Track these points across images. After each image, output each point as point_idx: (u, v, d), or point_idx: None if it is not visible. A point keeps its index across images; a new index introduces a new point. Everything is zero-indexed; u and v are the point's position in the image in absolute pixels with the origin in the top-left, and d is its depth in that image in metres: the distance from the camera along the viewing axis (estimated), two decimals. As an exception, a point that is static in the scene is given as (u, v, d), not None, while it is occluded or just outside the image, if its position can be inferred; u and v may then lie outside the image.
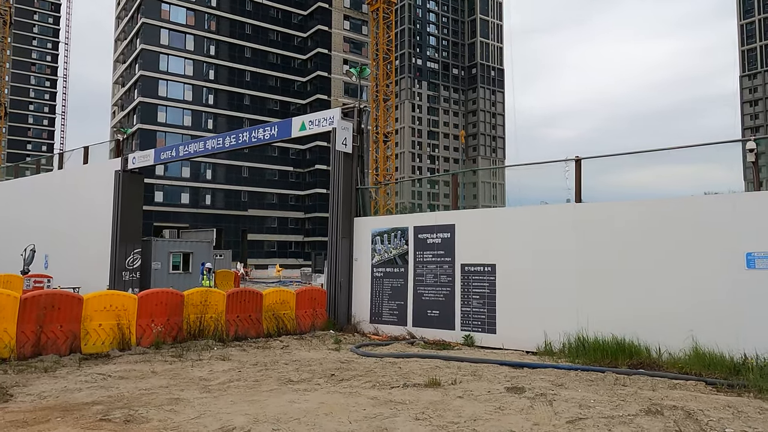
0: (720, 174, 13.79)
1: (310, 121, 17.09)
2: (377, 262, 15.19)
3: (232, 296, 13.15)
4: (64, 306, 10.44)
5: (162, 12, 64.01)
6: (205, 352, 11.10)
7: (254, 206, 69.36)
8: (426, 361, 9.92)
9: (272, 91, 71.34)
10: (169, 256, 25.99)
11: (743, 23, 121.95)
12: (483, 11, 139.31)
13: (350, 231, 15.78)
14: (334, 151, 15.78)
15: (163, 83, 63.87)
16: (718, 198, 11.02)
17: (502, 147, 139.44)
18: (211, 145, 20.47)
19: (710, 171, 13.87)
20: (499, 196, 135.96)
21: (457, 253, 13.56)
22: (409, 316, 14.30)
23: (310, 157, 72.51)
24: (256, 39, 70.26)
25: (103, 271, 24.13)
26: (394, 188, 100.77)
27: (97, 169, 26.53)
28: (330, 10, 72.50)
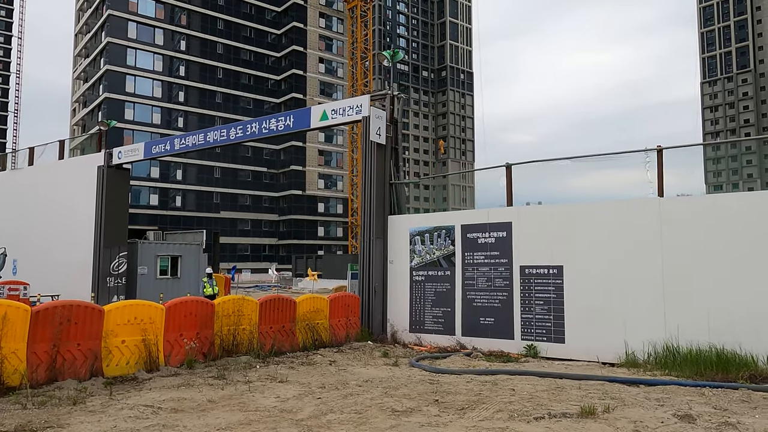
0: None
1: (333, 110, 15.51)
2: (417, 265, 13.73)
3: (265, 305, 11.47)
4: (83, 320, 8.61)
5: (130, 4, 60.93)
6: (249, 371, 9.43)
7: (227, 208, 66.75)
8: (524, 378, 8.52)
9: (245, 89, 68.92)
10: (157, 259, 23.85)
11: (704, 31, 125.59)
12: (452, 14, 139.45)
13: (384, 230, 14.28)
14: (366, 141, 14.25)
15: (131, 79, 60.74)
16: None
17: (472, 150, 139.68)
18: (213, 137, 18.61)
19: None
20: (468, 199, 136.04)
21: (516, 254, 12.24)
22: (458, 325, 12.90)
23: (285, 157, 70.38)
24: (229, 35, 67.77)
25: (85, 277, 21.89)
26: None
27: (77, 165, 24.23)
28: (305, 7, 70.62)
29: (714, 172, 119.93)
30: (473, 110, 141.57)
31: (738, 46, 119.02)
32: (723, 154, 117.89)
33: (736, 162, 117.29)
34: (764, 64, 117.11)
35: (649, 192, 11.19)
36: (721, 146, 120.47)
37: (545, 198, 13.84)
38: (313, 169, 70.04)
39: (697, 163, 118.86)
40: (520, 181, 13.69)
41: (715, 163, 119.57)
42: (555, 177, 13.67)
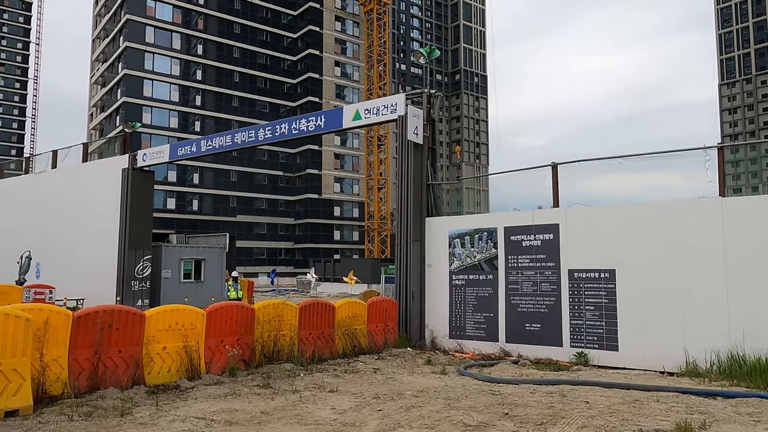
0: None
1: (367, 109, 15.10)
2: (457, 269, 13.25)
3: (305, 310, 11.05)
4: (124, 325, 8.24)
5: (147, 9, 61.12)
6: (294, 379, 8.99)
7: (243, 212, 66.62)
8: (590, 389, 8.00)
9: (261, 93, 68.86)
10: (180, 263, 23.55)
11: (722, 32, 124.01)
12: (466, 18, 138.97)
13: (421, 233, 13.81)
14: (402, 141, 13.81)
15: (148, 83, 60.89)
16: None
17: (486, 153, 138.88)
18: (241, 138, 18.28)
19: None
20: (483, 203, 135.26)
21: (563, 258, 11.72)
22: (501, 331, 12.39)
23: (301, 161, 70.17)
24: (245, 39, 67.79)
25: (109, 281, 21.65)
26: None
27: (100, 168, 24.06)
28: (321, 11, 70.50)
29: (733, 175, 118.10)
30: (487, 113, 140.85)
31: (757, 47, 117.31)
32: (742, 157, 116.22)
33: (755, 165, 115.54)
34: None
35: (707, 191, 10.68)
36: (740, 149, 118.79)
37: (584, 199, 13.40)
38: (329, 172, 69.76)
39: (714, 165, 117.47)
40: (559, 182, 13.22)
41: (734, 166, 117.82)
42: (595, 177, 13.23)
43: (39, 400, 6.98)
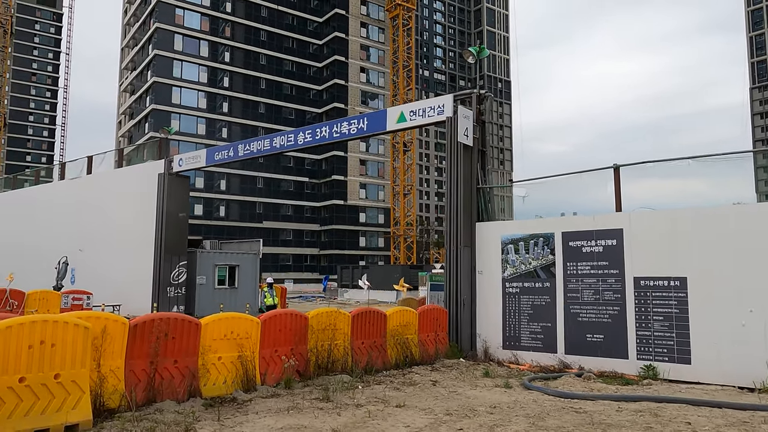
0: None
1: (412, 111, 14.65)
2: (511, 276, 12.68)
3: (357, 318, 10.59)
4: (180, 334, 7.86)
5: (176, 17, 61.78)
6: (353, 392, 8.53)
7: (269, 218, 66.70)
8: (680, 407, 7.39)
9: (287, 100, 69.05)
10: (215, 269, 23.33)
11: (752, 35, 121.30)
12: (489, 23, 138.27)
13: (471, 238, 13.28)
14: (452, 143, 13.32)
15: (177, 90, 61.44)
16: None
17: (510, 159, 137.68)
18: (279, 142, 17.97)
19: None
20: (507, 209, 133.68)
21: (628, 264, 11.09)
22: (560, 341, 11.77)
23: (326, 167, 70.10)
24: (272, 46, 68.11)
25: (143, 287, 21.50)
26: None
27: (136, 173, 23.99)
28: (347, 17, 70.56)
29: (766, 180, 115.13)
30: (511, 119, 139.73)
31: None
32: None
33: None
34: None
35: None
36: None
37: (631, 205, 12.88)
38: (354, 178, 69.56)
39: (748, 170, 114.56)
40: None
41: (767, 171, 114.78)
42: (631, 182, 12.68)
43: (97, 413, 6.62)
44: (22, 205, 29.29)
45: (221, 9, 64.77)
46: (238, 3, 66.01)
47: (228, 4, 65.32)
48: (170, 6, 61.44)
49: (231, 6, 65.53)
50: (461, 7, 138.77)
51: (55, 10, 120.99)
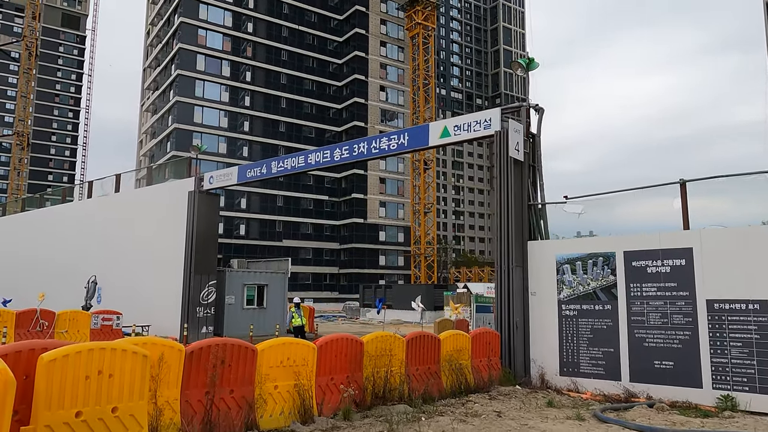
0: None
1: (456, 125, 14.16)
2: (567, 297, 11.99)
3: (412, 343, 9.99)
4: (236, 361, 7.32)
5: (199, 38, 62.40)
6: (419, 425, 7.88)
7: (288, 237, 66.40)
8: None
9: (308, 118, 69.16)
10: (243, 289, 22.87)
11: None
12: (506, 42, 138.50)
13: (523, 258, 12.65)
14: (502, 158, 12.76)
15: (199, 109, 61.80)
16: None
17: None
18: (315, 159, 17.56)
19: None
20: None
21: (699, 286, 10.37)
22: (624, 368, 11.03)
23: (346, 185, 69.83)
24: (292, 65, 68.46)
25: (172, 307, 21.07)
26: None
27: (165, 191, 23.74)
28: (367, 36, 70.82)
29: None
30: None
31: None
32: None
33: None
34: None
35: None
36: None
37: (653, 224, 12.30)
38: (374, 197, 69.16)
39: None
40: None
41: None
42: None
43: (154, 449, 6.07)
44: (50, 224, 29.20)
45: (243, 29, 65.35)
46: (259, 23, 66.60)
47: (249, 24, 65.92)
48: (193, 27, 62.10)
49: (252, 26, 66.12)
50: (477, 27, 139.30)
51: (79, 32, 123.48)
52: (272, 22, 67.39)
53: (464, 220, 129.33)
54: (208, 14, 63.47)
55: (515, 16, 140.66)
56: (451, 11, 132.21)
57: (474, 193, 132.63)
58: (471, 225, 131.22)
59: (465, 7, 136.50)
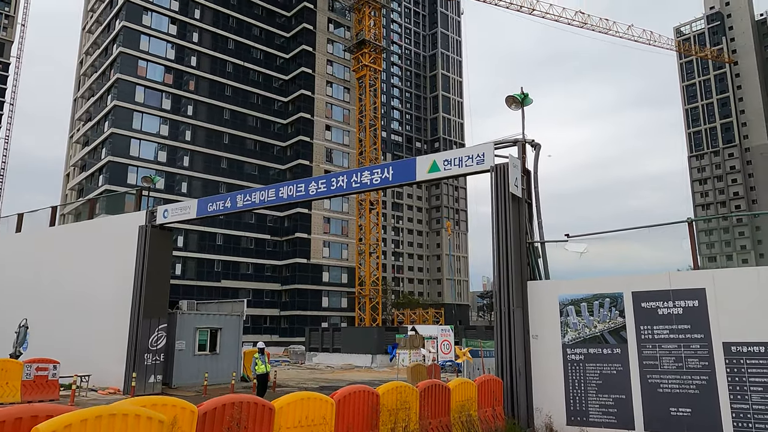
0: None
1: (446, 160, 13.61)
2: (572, 341, 11.41)
3: (425, 394, 9.01)
4: (252, 422, 6.13)
5: (139, 69, 60.09)
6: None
7: (228, 277, 63.54)
8: None
9: (251, 155, 67.50)
10: (196, 333, 21.02)
11: (688, 108, 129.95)
12: (444, 89, 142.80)
13: (523, 299, 12.03)
14: (501, 194, 12.24)
15: (136, 142, 58.97)
16: None
17: (465, 220, 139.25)
18: (287, 192, 16.49)
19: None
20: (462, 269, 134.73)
21: (715, 328, 10.05)
22: (637, 416, 10.46)
23: (289, 224, 68.13)
24: (236, 101, 67.03)
25: (116, 353, 18.98)
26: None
27: (111, 225, 21.76)
28: (313, 75, 70.68)
29: (707, 243, 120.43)
30: (465, 180, 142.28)
31: (722, 122, 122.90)
32: (715, 226, 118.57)
33: (728, 234, 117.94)
34: (749, 140, 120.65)
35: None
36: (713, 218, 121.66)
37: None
38: (318, 236, 67.75)
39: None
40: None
41: (707, 235, 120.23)
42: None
43: None
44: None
45: (186, 62, 63.63)
46: (203, 57, 65.12)
47: (193, 57, 64.33)
48: (133, 58, 59.83)
49: (196, 60, 64.53)
50: (417, 73, 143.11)
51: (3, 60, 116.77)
52: (216, 56, 66.10)
53: (403, 262, 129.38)
54: (150, 46, 61.46)
55: (453, 65, 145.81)
56: (392, 57, 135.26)
57: (413, 235, 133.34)
58: (410, 266, 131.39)
59: (405, 53, 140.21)
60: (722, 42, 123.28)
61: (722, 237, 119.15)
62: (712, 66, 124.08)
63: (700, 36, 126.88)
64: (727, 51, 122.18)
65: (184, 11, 64.19)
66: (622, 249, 11.79)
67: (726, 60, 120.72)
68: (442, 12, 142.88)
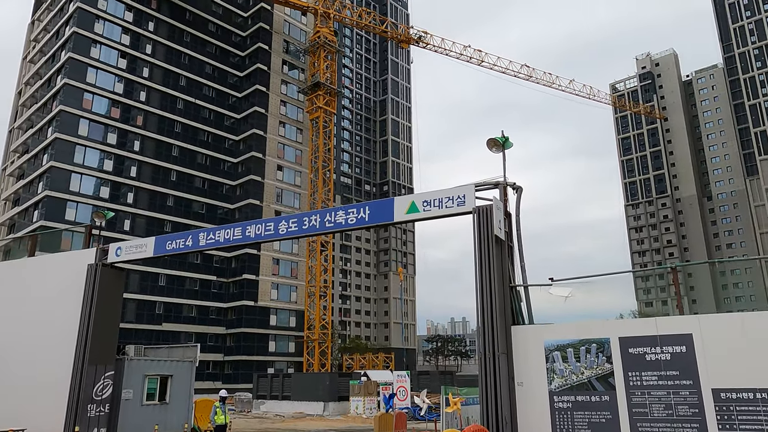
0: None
1: (426, 201, 13.37)
2: (560, 388, 11.12)
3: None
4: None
5: (84, 101, 58.01)
6: None
7: (170, 320, 60.60)
8: None
9: (199, 193, 65.70)
10: (144, 380, 19.48)
11: (623, 159, 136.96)
12: (394, 133, 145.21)
13: (508, 345, 11.71)
14: (485, 236, 12.04)
15: (77, 177, 56.34)
16: None
17: (413, 263, 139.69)
18: (254, 231, 15.78)
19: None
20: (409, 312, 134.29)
21: (703, 374, 10.01)
22: (629, 466, 10.18)
23: (236, 265, 66.12)
24: (186, 138, 65.55)
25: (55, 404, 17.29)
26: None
27: (53, 263, 20.22)
28: (265, 115, 70.24)
29: (644, 289, 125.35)
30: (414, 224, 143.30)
31: (655, 173, 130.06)
32: (650, 273, 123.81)
33: (663, 280, 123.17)
34: (679, 191, 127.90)
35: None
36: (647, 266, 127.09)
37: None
38: (266, 278, 65.95)
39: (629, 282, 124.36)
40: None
41: (644, 281, 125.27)
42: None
43: None
44: None
45: (134, 97, 62.00)
46: (153, 92, 63.68)
47: (143, 93, 62.79)
48: (78, 90, 57.81)
49: (146, 95, 63.01)
50: (367, 117, 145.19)
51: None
52: (167, 92, 64.80)
53: (350, 305, 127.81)
54: (97, 79, 59.65)
55: (403, 111, 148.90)
56: (343, 101, 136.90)
57: (361, 278, 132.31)
58: (357, 309, 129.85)
59: (356, 97, 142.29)
60: (653, 99, 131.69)
61: (657, 283, 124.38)
62: (645, 121, 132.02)
63: (634, 93, 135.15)
64: (658, 107, 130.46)
65: (135, 45, 62.98)
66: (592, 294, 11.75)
67: (657, 116, 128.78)
68: (393, 59, 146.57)
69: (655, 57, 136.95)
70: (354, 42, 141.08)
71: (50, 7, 68.52)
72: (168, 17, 66.17)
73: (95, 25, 59.94)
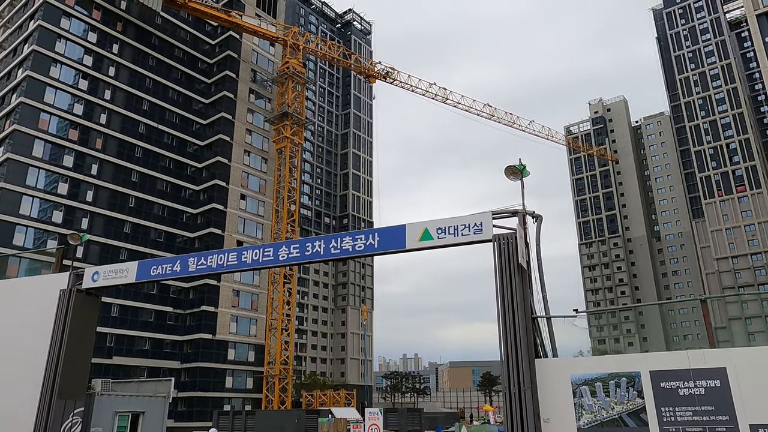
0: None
1: (440, 228, 12.97)
2: (589, 425, 10.69)
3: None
4: None
5: (40, 122, 55.57)
6: None
7: (121, 353, 57.39)
8: None
9: (157, 221, 63.38)
10: (115, 417, 17.98)
11: (577, 200, 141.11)
12: (355, 167, 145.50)
13: (532, 379, 11.25)
14: (508, 266, 11.68)
15: (28, 199, 53.45)
16: None
17: (371, 298, 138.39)
18: (252, 257, 14.95)
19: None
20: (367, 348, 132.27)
21: (740, 409, 9.79)
22: (666, 508, 9.76)
23: (194, 296, 63.66)
24: (146, 163, 63.52)
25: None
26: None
27: (20, 288, 18.66)
28: (230, 143, 69.05)
29: (597, 326, 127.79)
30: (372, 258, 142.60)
31: (607, 213, 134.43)
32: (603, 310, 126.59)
33: (615, 318, 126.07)
34: (630, 231, 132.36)
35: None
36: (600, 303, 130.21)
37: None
38: (225, 310, 63.66)
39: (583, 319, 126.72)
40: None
41: (597, 318, 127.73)
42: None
43: None
44: None
45: (94, 119, 59.87)
46: (114, 116, 61.70)
47: (103, 115, 60.75)
48: (35, 110, 55.39)
49: (106, 118, 60.96)
50: (329, 150, 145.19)
51: None
52: (129, 116, 62.92)
53: (307, 339, 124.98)
54: (55, 99, 57.41)
55: (364, 145, 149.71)
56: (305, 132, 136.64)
57: (318, 312, 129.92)
58: (314, 344, 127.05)
59: (318, 130, 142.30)
60: (605, 142, 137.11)
61: (610, 321, 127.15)
62: (597, 163, 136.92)
63: (587, 136, 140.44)
64: (610, 150, 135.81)
65: (98, 67, 61.18)
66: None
67: (609, 158, 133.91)
68: (356, 94, 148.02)
69: (607, 103, 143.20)
70: (317, 75, 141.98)
71: (7, 24, 66.11)
72: (133, 40, 64.79)
73: (56, 44, 57.99)
